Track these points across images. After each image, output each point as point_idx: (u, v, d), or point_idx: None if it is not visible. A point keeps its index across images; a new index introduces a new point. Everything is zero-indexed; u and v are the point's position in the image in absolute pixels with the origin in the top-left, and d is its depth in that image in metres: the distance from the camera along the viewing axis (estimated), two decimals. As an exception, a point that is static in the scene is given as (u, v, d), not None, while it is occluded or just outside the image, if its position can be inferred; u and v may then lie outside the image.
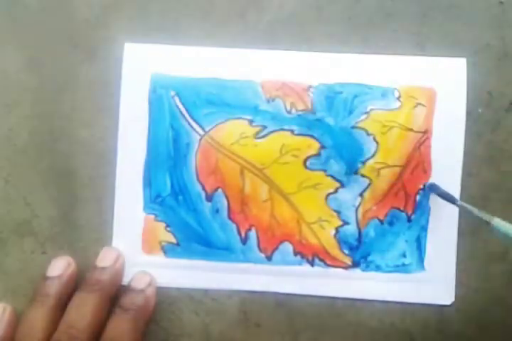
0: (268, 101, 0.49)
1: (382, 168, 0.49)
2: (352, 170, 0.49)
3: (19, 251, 0.50)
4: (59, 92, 0.50)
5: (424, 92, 0.49)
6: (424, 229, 0.49)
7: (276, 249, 0.49)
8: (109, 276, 0.47)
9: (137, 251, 0.50)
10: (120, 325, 0.45)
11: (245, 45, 0.49)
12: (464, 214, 0.48)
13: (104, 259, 0.48)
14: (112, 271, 0.48)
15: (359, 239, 0.49)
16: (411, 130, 0.49)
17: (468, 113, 0.49)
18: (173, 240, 0.50)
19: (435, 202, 0.49)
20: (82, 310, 0.45)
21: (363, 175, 0.49)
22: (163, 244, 0.50)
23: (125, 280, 0.49)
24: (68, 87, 0.50)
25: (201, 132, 0.49)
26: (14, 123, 0.50)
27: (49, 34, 0.50)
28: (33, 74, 0.50)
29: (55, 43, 0.50)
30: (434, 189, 0.48)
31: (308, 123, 0.49)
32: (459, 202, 0.46)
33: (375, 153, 0.49)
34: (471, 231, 0.49)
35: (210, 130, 0.49)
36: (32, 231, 0.50)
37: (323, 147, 0.49)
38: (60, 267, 0.48)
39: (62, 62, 0.50)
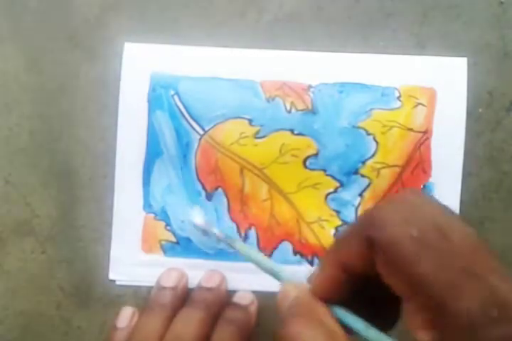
0: (268, 101, 0.49)
1: (382, 167, 0.49)
2: (352, 170, 0.49)
3: (19, 251, 0.50)
4: (59, 92, 0.50)
5: (425, 92, 0.49)
6: (424, 229, 0.49)
7: (275, 248, 0.49)
8: (215, 296, 0.48)
9: (137, 250, 0.50)
10: (225, 335, 0.45)
11: (245, 45, 0.49)
12: (465, 213, 0.48)
13: (210, 280, 0.49)
14: (217, 292, 0.48)
15: (359, 238, 0.49)
16: (411, 130, 0.49)
17: (469, 113, 0.49)
18: (173, 239, 0.50)
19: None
20: (189, 323, 0.45)
21: (362, 175, 0.49)
22: (163, 243, 0.50)
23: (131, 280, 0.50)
24: (68, 87, 0.50)
25: (201, 132, 0.49)
26: (14, 123, 0.50)
27: (49, 34, 0.50)
28: (33, 74, 0.50)
29: (55, 43, 0.50)
30: None
31: (308, 123, 0.49)
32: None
33: (375, 152, 0.49)
34: (471, 231, 0.49)
35: (209, 129, 0.49)
36: (32, 231, 0.50)
37: (322, 147, 0.49)
38: (175, 278, 0.48)
39: (62, 62, 0.50)
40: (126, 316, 0.48)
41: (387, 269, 0.29)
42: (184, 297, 0.48)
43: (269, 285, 0.49)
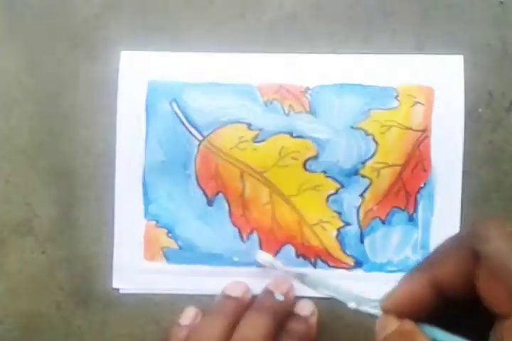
0: (266, 105, 0.49)
1: (382, 167, 0.49)
2: (352, 171, 0.49)
3: (19, 251, 0.50)
4: (59, 92, 0.50)
5: (422, 91, 0.49)
6: (426, 228, 0.49)
7: (278, 251, 0.49)
8: (283, 303, 0.47)
9: (139, 258, 0.50)
10: None
11: (245, 46, 0.49)
12: (465, 213, 0.48)
13: (278, 287, 0.48)
14: (285, 300, 0.47)
15: (361, 239, 0.49)
16: (410, 129, 0.49)
17: (469, 113, 0.49)
18: (175, 246, 0.50)
19: (437, 200, 0.49)
20: (255, 328, 0.45)
21: (363, 176, 0.49)
22: (165, 250, 0.50)
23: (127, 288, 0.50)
24: (68, 87, 0.50)
25: (200, 137, 0.49)
26: (14, 123, 0.50)
27: (49, 34, 0.50)
28: (33, 74, 0.50)
29: (55, 43, 0.50)
30: None
31: (307, 125, 0.49)
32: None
33: (375, 153, 0.49)
34: (471, 231, 0.49)
35: (208, 135, 0.49)
36: (32, 231, 0.50)
37: (322, 148, 0.49)
38: (241, 290, 0.48)
39: (62, 62, 0.50)
40: (189, 315, 0.48)
41: (490, 284, 0.29)
42: (247, 308, 0.47)
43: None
